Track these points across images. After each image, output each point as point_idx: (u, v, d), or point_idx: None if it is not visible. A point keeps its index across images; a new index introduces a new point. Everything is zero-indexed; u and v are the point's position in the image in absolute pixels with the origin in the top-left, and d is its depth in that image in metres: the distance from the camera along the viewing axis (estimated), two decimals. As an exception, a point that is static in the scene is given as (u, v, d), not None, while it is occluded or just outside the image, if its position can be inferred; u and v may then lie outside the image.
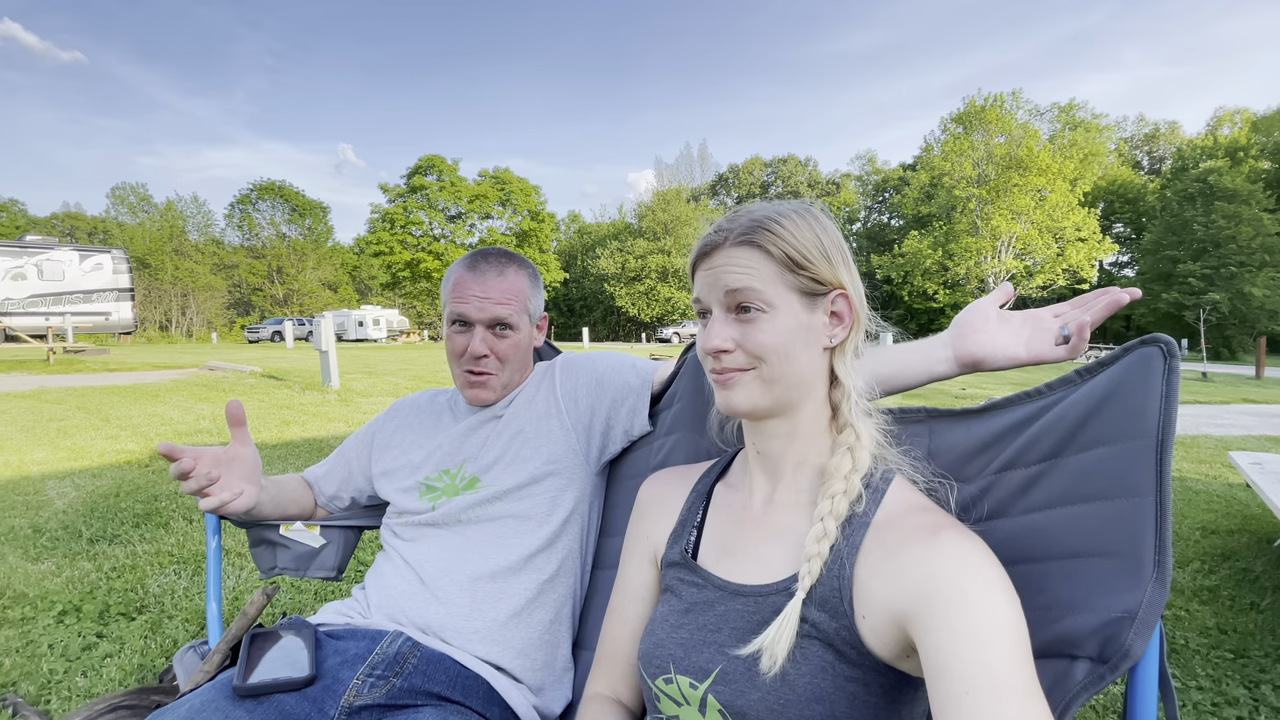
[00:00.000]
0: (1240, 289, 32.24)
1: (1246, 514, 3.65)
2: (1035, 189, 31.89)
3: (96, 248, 17.01)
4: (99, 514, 3.30)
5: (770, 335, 0.68)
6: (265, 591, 1.01)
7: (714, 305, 0.71)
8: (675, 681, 0.69)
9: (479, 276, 1.06)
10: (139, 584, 2.46)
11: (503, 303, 1.06)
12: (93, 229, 49.05)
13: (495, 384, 1.09)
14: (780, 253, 0.67)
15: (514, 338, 1.08)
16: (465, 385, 1.09)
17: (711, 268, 0.71)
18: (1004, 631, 0.52)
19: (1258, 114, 41.88)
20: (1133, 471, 0.61)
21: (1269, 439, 6.42)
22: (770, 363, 0.68)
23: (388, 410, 1.25)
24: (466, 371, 1.07)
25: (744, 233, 0.69)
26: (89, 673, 1.87)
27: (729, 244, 0.70)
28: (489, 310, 1.05)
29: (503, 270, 1.07)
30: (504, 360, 1.08)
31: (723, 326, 0.70)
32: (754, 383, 0.69)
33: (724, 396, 0.71)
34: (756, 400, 0.70)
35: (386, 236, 41.48)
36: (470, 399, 1.10)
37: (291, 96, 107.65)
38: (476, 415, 1.12)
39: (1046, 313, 0.84)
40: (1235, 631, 2.22)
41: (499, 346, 1.07)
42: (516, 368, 1.11)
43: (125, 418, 6.32)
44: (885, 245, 47.14)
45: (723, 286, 0.69)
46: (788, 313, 0.68)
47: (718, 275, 0.70)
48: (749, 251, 0.68)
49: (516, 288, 1.08)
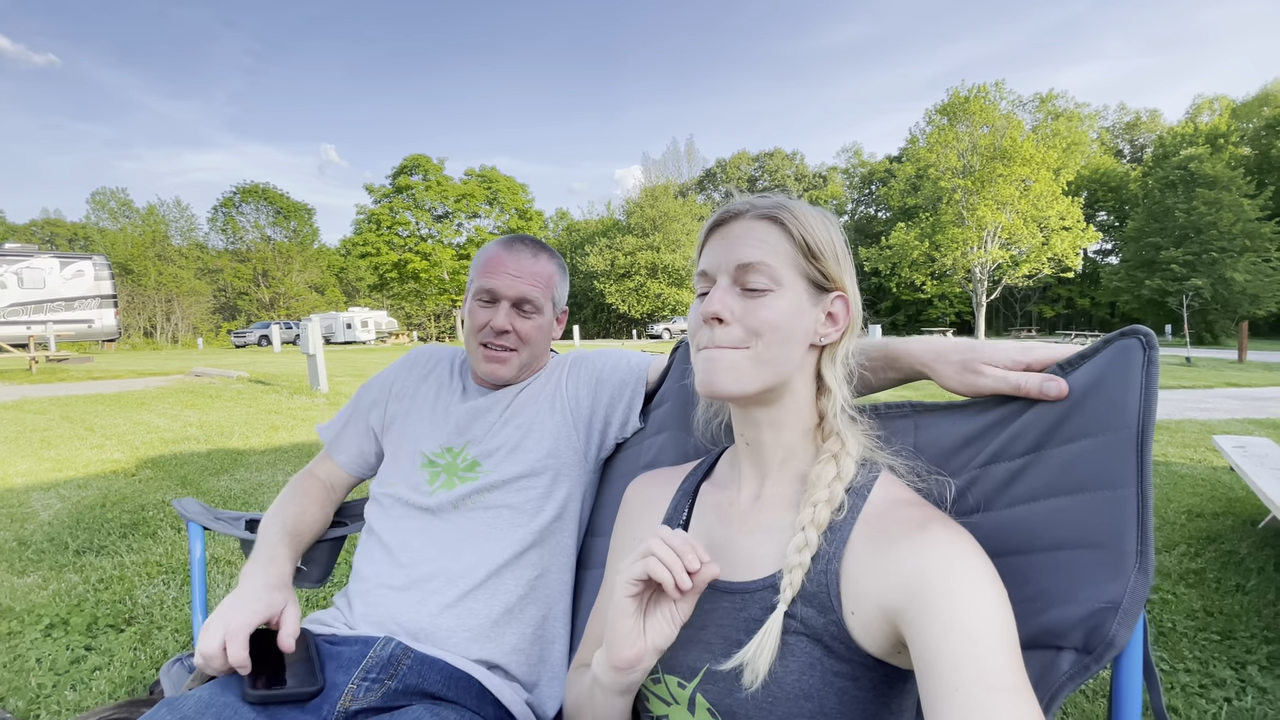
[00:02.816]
0: (1222, 274, 32.64)
1: (1231, 497, 3.70)
2: (1020, 179, 32.10)
3: (77, 254, 16.76)
4: (85, 525, 3.26)
5: (774, 313, 0.67)
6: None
7: (721, 274, 0.70)
8: (663, 681, 0.69)
9: (514, 254, 1.08)
10: (127, 595, 2.43)
11: (533, 284, 1.08)
12: (73, 235, 48.37)
13: (514, 362, 1.09)
14: (800, 236, 0.68)
15: (537, 320, 1.09)
16: (482, 360, 1.09)
17: (727, 236, 0.70)
18: (993, 626, 0.52)
19: (1236, 101, 42.38)
20: (1114, 463, 0.62)
21: (1252, 422, 6.51)
22: (766, 341, 0.67)
23: (408, 356, 1.23)
24: (483, 345, 1.08)
25: (769, 209, 0.69)
26: (78, 686, 1.85)
27: (750, 216, 0.70)
28: (518, 288, 1.07)
29: (536, 254, 1.10)
30: (525, 340, 1.09)
31: (726, 295, 0.69)
32: (743, 362, 0.68)
33: (708, 377, 0.69)
34: (744, 382, 0.68)
35: (373, 237, 41.15)
36: (485, 374, 1.10)
37: (272, 97, 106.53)
38: (486, 397, 1.11)
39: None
40: (1221, 613, 2.26)
41: (522, 326, 1.08)
42: (535, 352, 1.12)
43: (110, 427, 6.24)
44: (873, 237, 47.39)
45: (736, 258, 0.68)
46: (794, 296, 0.68)
47: (733, 245, 0.69)
48: (770, 227, 0.69)
49: (547, 272, 1.10)
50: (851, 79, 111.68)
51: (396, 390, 1.18)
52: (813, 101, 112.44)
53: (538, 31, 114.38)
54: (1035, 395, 0.69)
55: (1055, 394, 0.68)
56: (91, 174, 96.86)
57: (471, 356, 1.12)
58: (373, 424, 1.18)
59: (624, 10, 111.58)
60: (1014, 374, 0.71)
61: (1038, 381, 0.69)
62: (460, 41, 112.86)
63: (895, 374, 0.81)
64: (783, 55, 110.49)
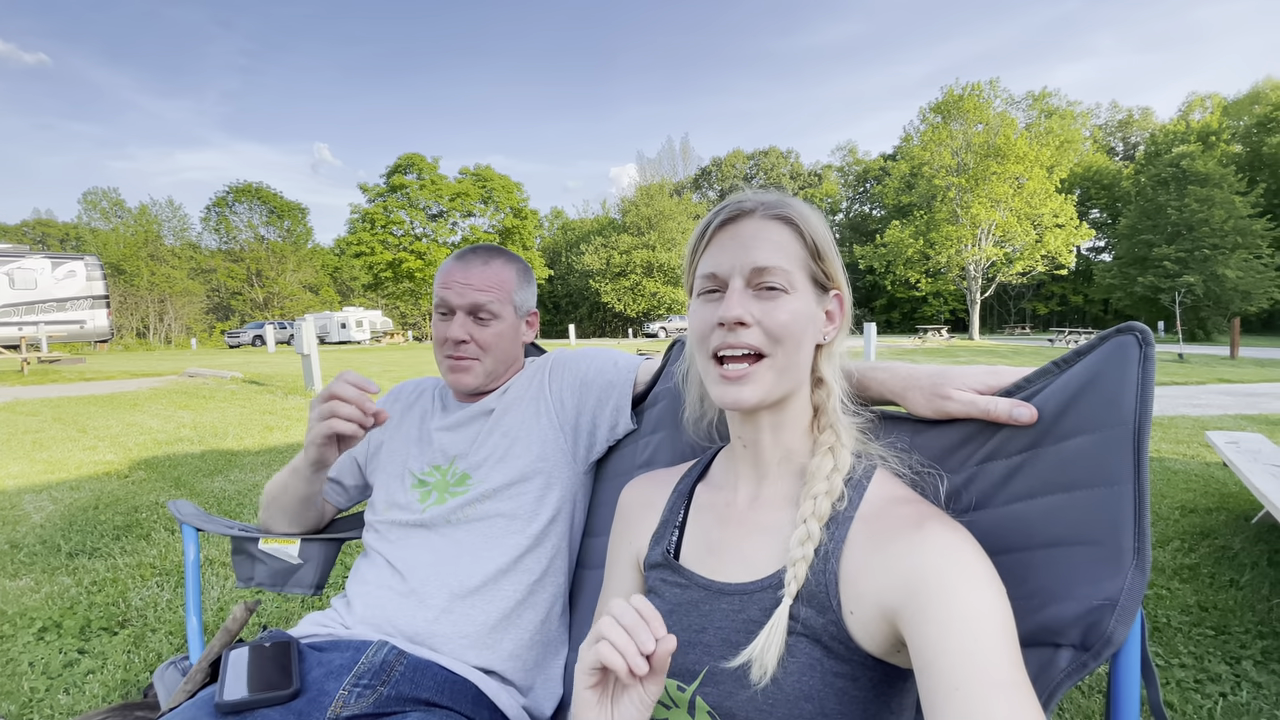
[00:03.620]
0: (1214, 271, 32.83)
1: (1224, 492, 3.72)
2: (1013, 177, 32.25)
3: (69, 254, 16.62)
4: (77, 527, 3.24)
5: (790, 316, 0.67)
6: (247, 606, 0.99)
7: (735, 276, 0.68)
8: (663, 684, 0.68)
9: (464, 265, 1.09)
10: (120, 598, 2.42)
11: (483, 290, 1.07)
12: (64, 236, 48.00)
13: (478, 370, 1.09)
14: (810, 238, 0.68)
15: (496, 326, 1.09)
16: (448, 371, 1.10)
17: (738, 237, 0.68)
18: (992, 624, 0.52)
19: (1228, 98, 42.61)
20: (1111, 460, 0.62)
21: (1244, 418, 6.55)
22: (785, 347, 0.67)
23: (392, 390, 1.25)
24: (447, 357, 1.08)
25: (779, 208, 0.68)
26: (71, 690, 1.83)
27: (760, 215, 0.68)
28: (469, 296, 1.07)
29: (488, 260, 1.10)
30: (485, 348, 1.08)
31: (744, 298, 0.67)
32: (767, 373, 0.67)
33: (733, 391, 0.67)
34: (768, 391, 0.67)
35: (367, 237, 41.03)
36: (452, 384, 1.11)
37: (265, 97, 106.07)
38: (466, 410, 1.11)
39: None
40: (1216, 609, 2.27)
41: (480, 334, 1.08)
42: (500, 359, 1.11)
43: (103, 428, 6.20)
44: (868, 235, 47.50)
45: (752, 260, 0.67)
46: (805, 298, 0.68)
47: (746, 247, 0.67)
48: (782, 228, 0.68)
49: (500, 278, 1.09)
50: (845, 77, 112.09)
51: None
52: (807, 100, 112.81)
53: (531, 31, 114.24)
54: (1004, 421, 0.69)
55: (1026, 419, 0.68)
56: (83, 174, 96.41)
57: (440, 370, 1.13)
58: (355, 455, 1.19)
59: (617, 8, 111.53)
60: (983, 398, 0.72)
61: (1007, 407, 0.69)
62: (454, 41, 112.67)
63: (864, 400, 0.81)
64: (776, 53, 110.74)
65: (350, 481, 1.21)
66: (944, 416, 0.75)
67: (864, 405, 0.78)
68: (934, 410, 0.76)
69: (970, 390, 0.73)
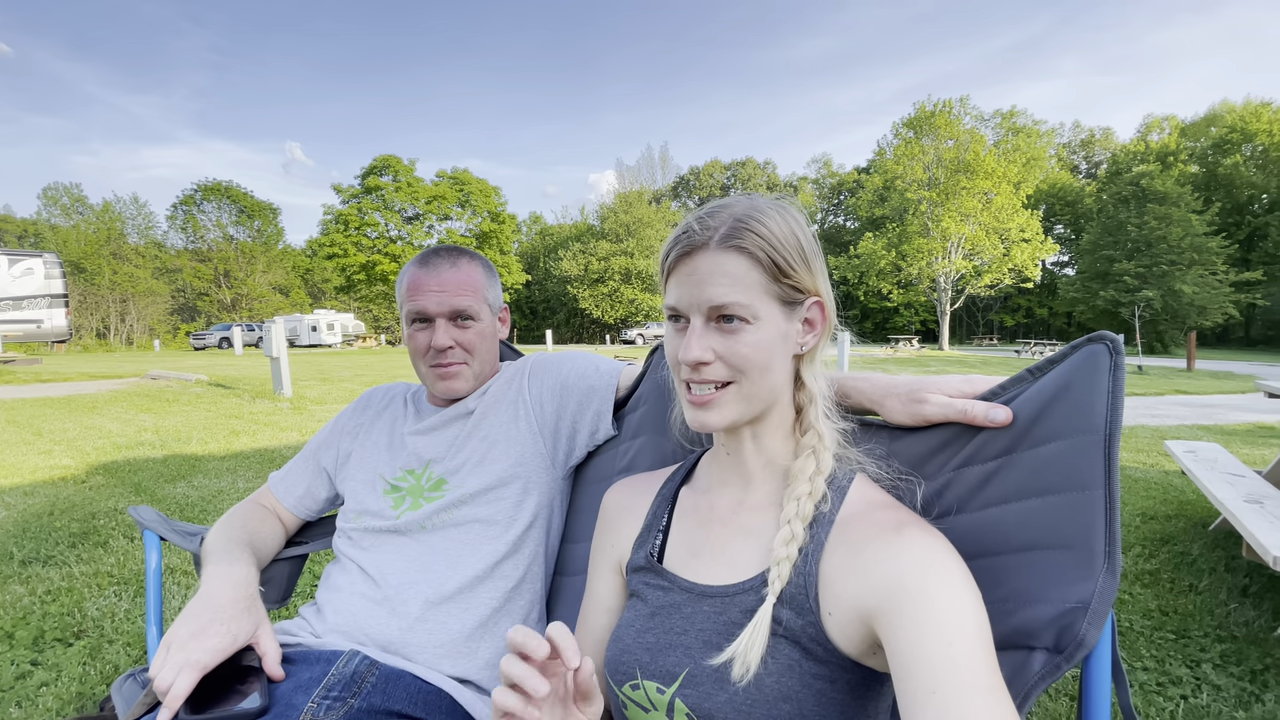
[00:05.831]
0: (1171, 286, 34.06)
1: (1183, 500, 3.84)
2: (982, 192, 33.10)
3: (27, 251, 16.05)
4: (31, 534, 3.11)
5: (752, 348, 0.66)
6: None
7: (694, 314, 0.67)
8: (642, 687, 0.68)
9: (433, 271, 1.05)
10: (76, 607, 2.33)
11: (460, 293, 1.05)
12: (23, 232, 46.49)
13: (467, 374, 1.07)
14: (767, 259, 0.65)
15: (477, 327, 1.07)
16: (436, 380, 1.07)
17: (693, 273, 0.66)
18: (968, 628, 0.53)
19: (1185, 120, 44.33)
20: (1083, 465, 0.63)
21: (1201, 428, 6.77)
22: (750, 376, 0.67)
23: (361, 397, 1.22)
24: (433, 366, 1.06)
25: (729, 235, 0.65)
26: (24, 703, 1.75)
27: (713, 247, 0.65)
28: (448, 302, 1.04)
29: (455, 262, 1.07)
30: (471, 351, 1.07)
31: (703, 337, 0.67)
32: (733, 401, 0.68)
33: (700, 415, 0.68)
34: (738, 415, 0.69)
35: (340, 238, 40.39)
36: (443, 391, 1.08)
37: (237, 94, 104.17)
38: (441, 414, 1.09)
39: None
40: (1176, 613, 2.33)
41: (464, 337, 1.06)
42: (484, 359, 1.10)
43: (59, 431, 5.98)
44: (842, 246, 48.23)
45: (707, 299, 0.65)
46: (770, 324, 0.67)
47: (702, 285, 0.66)
48: (735, 258, 0.65)
49: (472, 278, 1.08)
50: (820, 91, 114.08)
51: (349, 429, 1.16)
52: (783, 112, 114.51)
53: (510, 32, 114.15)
54: (981, 423, 0.71)
55: (1002, 420, 0.69)
56: (44, 169, 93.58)
57: (424, 379, 1.10)
58: (324, 464, 1.16)
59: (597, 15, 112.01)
60: (960, 400, 0.73)
61: (983, 409, 0.71)
62: (432, 41, 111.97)
63: (843, 409, 0.81)
64: (752, 66, 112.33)
65: (323, 494, 1.17)
66: (921, 422, 0.76)
67: (843, 414, 0.79)
68: (911, 416, 0.77)
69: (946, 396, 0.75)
